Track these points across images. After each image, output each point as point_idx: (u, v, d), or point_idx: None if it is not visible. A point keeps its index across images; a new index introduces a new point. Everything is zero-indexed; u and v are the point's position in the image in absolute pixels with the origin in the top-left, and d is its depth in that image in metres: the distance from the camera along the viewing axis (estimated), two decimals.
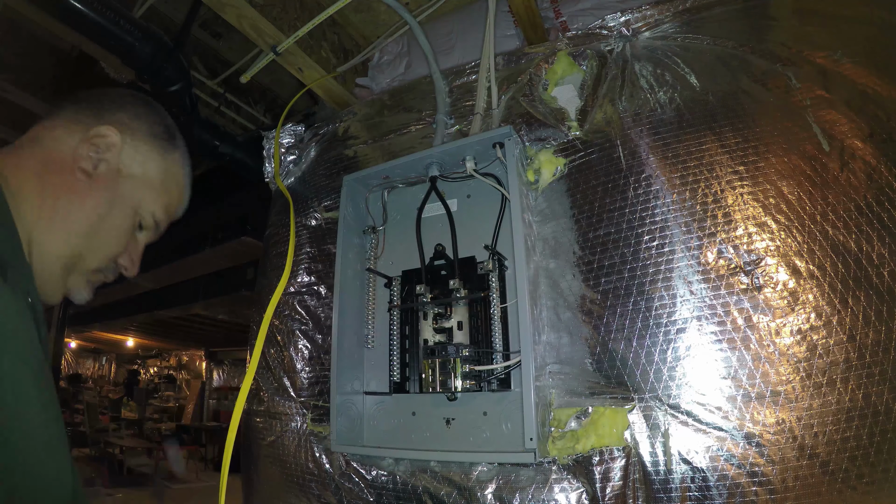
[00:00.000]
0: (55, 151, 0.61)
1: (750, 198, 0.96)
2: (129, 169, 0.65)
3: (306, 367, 1.40)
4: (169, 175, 0.70)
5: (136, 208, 0.66)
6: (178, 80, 1.73)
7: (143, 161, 0.67)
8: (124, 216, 0.65)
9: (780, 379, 0.86)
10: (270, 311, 0.98)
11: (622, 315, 0.99)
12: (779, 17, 1.09)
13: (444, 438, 1.13)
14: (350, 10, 1.60)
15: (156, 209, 0.69)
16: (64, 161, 0.60)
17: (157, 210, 0.69)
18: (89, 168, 0.61)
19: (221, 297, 5.23)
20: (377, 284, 1.33)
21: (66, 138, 0.62)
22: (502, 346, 1.09)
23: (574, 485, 0.94)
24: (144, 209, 0.67)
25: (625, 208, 1.05)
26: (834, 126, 0.95)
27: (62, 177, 0.59)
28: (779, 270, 0.91)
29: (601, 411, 0.95)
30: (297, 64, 1.50)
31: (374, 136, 1.53)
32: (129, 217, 0.65)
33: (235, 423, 0.79)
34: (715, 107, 1.04)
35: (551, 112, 1.20)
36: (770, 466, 0.83)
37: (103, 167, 0.62)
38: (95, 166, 0.61)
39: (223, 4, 1.28)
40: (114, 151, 0.63)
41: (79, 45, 2.31)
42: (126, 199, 0.65)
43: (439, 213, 1.25)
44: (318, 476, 1.27)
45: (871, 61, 0.99)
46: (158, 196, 0.69)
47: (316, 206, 1.55)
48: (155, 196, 0.68)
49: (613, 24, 1.21)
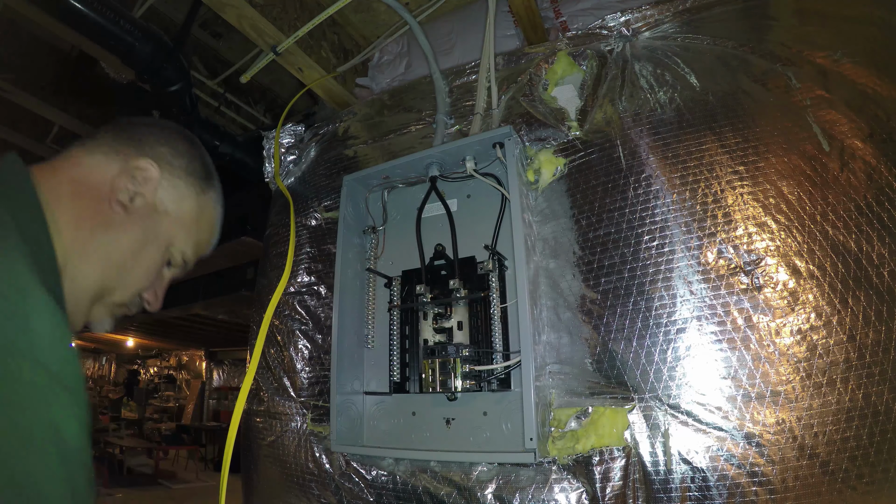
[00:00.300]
0: (93, 179, 0.59)
1: (750, 198, 0.96)
2: (164, 205, 0.64)
3: (306, 367, 1.40)
4: (203, 215, 0.69)
5: (167, 245, 0.65)
6: (178, 80, 1.73)
7: (179, 199, 0.66)
8: (156, 253, 0.64)
9: (780, 379, 0.86)
10: (270, 311, 0.98)
11: (622, 315, 0.99)
12: (779, 17, 1.09)
13: (444, 438, 1.13)
14: (350, 10, 1.60)
15: (186, 248, 0.68)
16: (101, 190, 0.59)
17: (188, 249, 0.68)
18: (126, 201, 0.60)
19: (221, 297, 5.22)
20: (377, 284, 1.33)
21: (104, 166, 0.60)
22: (502, 346, 1.09)
23: (574, 485, 0.94)
24: (175, 247, 0.66)
25: (625, 208, 1.05)
26: (834, 126, 0.95)
27: (98, 207, 0.58)
28: (779, 270, 0.91)
29: (601, 411, 0.95)
30: (297, 64, 1.50)
31: (374, 136, 1.53)
32: (160, 254, 0.64)
33: (236, 423, 0.79)
34: (715, 107, 1.04)
35: (551, 112, 1.20)
36: (770, 466, 0.83)
37: (139, 201, 0.61)
38: (132, 199, 0.60)
39: (223, 4, 1.28)
40: (151, 186, 0.62)
41: (79, 45, 2.31)
42: (159, 236, 0.64)
43: (439, 213, 1.25)
44: (318, 476, 1.27)
45: (871, 61, 0.99)
46: (190, 235, 0.68)
47: (316, 206, 1.55)
48: (187, 235, 0.67)
49: (613, 24, 1.21)
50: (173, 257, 0.67)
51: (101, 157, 0.61)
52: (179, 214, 0.65)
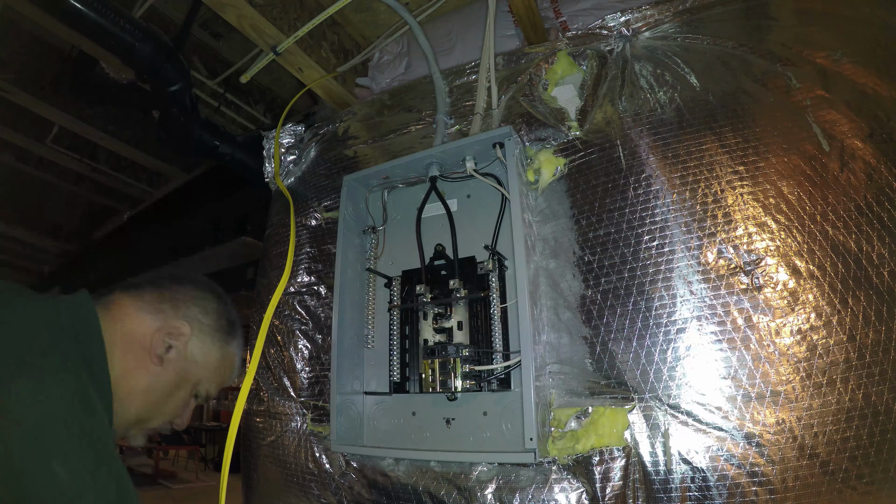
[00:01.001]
0: (139, 332, 0.73)
1: (750, 198, 0.96)
2: (194, 356, 0.77)
3: (306, 367, 1.40)
4: (226, 362, 0.82)
5: (195, 385, 0.79)
6: (178, 80, 1.73)
7: (207, 351, 0.79)
8: (186, 393, 0.78)
9: (780, 379, 0.86)
10: (270, 311, 0.99)
11: (622, 315, 0.99)
12: (779, 17, 1.09)
13: (444, 438, 1.13)
14: (350, 10, 1.60)
15: (211, 388, 0.81)
16: (144, 343, 0.72)
17: (212, 388, 0.82)
18: (162, 353, 0.73)
19: None
20: (377, 284, 1.33)
21: (148, 322, 0.74)
22: (502, 346, 1.09)
23: (574, 485, 0.94)
24: (202, 388, 0.80)
25: (625, 208, 1.05)
26: (834, 126, 0.95)
27: (140, 356, 0.72)
28: (779, 270, 0.91)
29: (601, 411, 0.95)
30: (297, 64, 1.50)
31: (374, 136, 1.53)
32: (189, 392, 0.78)
33: (236, 424, 0.80)
34: (715, 107, 1.04)
35: (551, 112, 1.20)
36: (770, 466, 0.83)
37: (173, 353, 0.75)
38: (168, 351, 0.74)
39: (223, 4, 1.28)
40: (182, 341, 0.75)
41: (79, 45, 2.32)
42: (189, 379, 0.77)
43: (439, 213, 1.25)
44: (318, 476, 1.27)
45: (871, 61, 0.99)
46: (214, 378, 0.81)
47: (316, 206, 1.55)
48: (211, 377, 0.80)
49: (613, 24, 1.21)
50: (199, 393, 0.81)
51: (145, 316, 0.75)
52: (206, 363, 0.79)
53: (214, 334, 0.80)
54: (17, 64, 2.65)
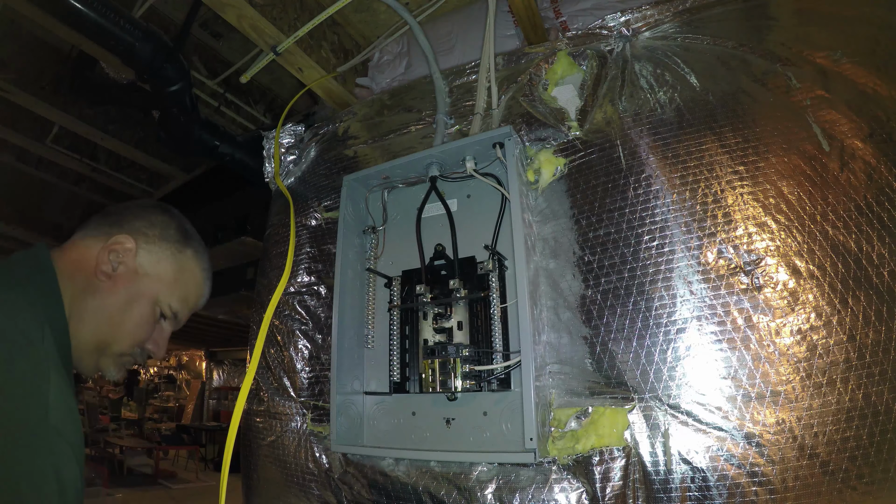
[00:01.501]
0: (84, 257, 0.73)
1: (750, 198, 0.96)
2: (143, 269, 0.76)
3: (306, 367, 1.40)
4: (184, 272, 0.80)
5: (154, 302, 0.77)
6: (178, 80, 1.73)
7: (157, 261, 0.77)
8: (143, 309, 0.75)
9: (780, 379, 0.86)
10: (270, 311, 0.99)
11: (622, 315, 0.99)
12: (779, 17, 1.09)
13: (444, 438, 1.13)
14: (350, 10, 1.60)
15: (172, 302, 0.79)
16: (89, 265, 0.72)
17: (174, 302, 0.79)
18: (109, 271, 0.72)
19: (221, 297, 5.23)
20: (377, 284, 1.33)
21: (92, 245, 0.74)
22: (502, 346, 1.09)
23: (574, 485, 0.94)
24: (162, 302, 0.78)
25: (625, 208, 1.05)
26: (834, 126, 0.95)
27: (87, 279, 0.71)
28: (779, 270, 0.91)
29: (601, 411, 0.95)
30: (297, 64, 1.50)
31: (374, 136, 1.53)
32: (147, 309, 0.76)
33: (236, 424, 0.80)
34: (715, 107, 1.04)
35: (551, 112, 1.20)
36: (770, 466, 0.83)
37: (122, 269, 0.74)
38: (115, 268, 0.73)
39: (223, 4, 1.28)
40: (129, 255, 0.74)
41: (79, 45, 2.31)
42: (144, 295, 0.75)
43: (439, 213, 1.25)
44: (318, 476, 1.27)
45: (871, 61, 0.99)
46: (173, 290, 0.79)
47: (316, 206, 1.55)
48: (170, 291, 0.78)
49: (613, 24, 1.21)
50: (163, 311, 0.78)
51: (90, 240, 0.75)
52: (160, 274, 0.77)
53: (162, 244, 0.78)
54: (17, 64, 2.65)
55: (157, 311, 0.78)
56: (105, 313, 0.72)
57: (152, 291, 0.76)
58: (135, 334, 0.75)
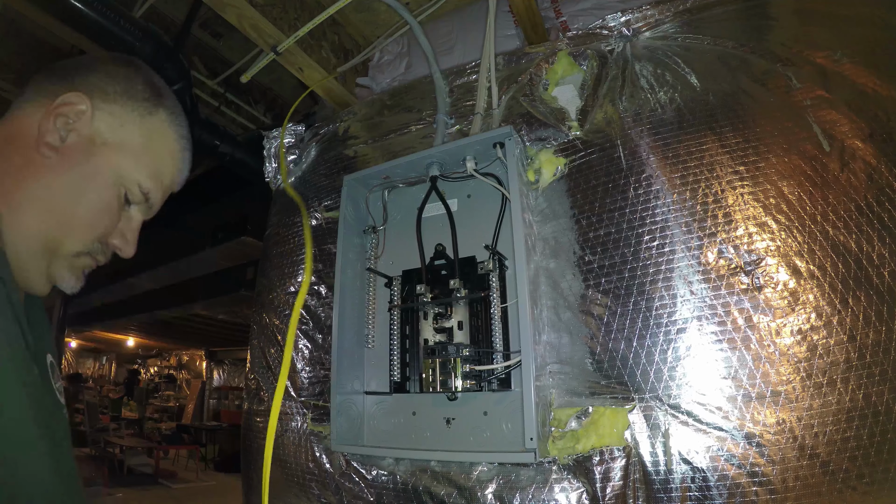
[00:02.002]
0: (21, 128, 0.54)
1: (750, 198, 0.96)
2: (102, 137, 0.57)
3: (306, 367, 1.40)
4: (153, 138, 0.61)
5: (117, 180, 0.58)
6: (179, 80, 1.73)
7: (119, 125, 0.58)
8: (103, 190, 0.57)
9: (781, 379, 0.86)
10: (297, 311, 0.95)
11: (622, 315, 0.99)
12: (779, 17, 1.09)
13: (444, 438, 1.13)
14: (350, 9, 1.60)
15: (141, 178, 0.60)
16: (29, 137, 0.54)
17: (143, 179, 0.60)
18: (56, 142, 0.54)
19: (221, 297, 5.23)
20: (377, 284, 1.33)
21: (33, 112, 0.55)
22: (502, 345, 1.09)
23: (574, 485, 0.94)
24: (128, 179, 0.58)
25: (625, 208, 1.05)
26: (834, 126, 0.95)
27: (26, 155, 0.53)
28: (779, 270, 0.91)
29: (601, 411, 0.95)
30: (298, 64, 1.50)
31: (374, 136, 1.53)
32: (109, 190, 0.57)
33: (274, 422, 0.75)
34: (715, 107, 1.04)
35: (552, 112, 1.20)
36: (770, 466, 0.83)
37: (73, 138, 0.55)
38: (63, 139, 0.54)
39: (223, 4, 1.28)
40: (84, 120, 0.55)
41: (79, 45, 2.31)
42: (102, 171, 0.57)
43: (439, 213, 1.25)
44: (318, 476, 1.27)
45: (871, 61, 0.99)
46: (141, 163, 0.60)
47: (316, 206, 1.55)
48: (136, 163, 0.59)
49: (614, 24, 1.20)
50: (130, 192, 0.59)
51: (29, 105, 0.55)
52: (124, 143, 0.58)
53: (128, 103, 0.59)
54: (18, 64, 2.65)
55: (121, 193, 0.59)
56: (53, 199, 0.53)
57: (115, 166, 0.57)
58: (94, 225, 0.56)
